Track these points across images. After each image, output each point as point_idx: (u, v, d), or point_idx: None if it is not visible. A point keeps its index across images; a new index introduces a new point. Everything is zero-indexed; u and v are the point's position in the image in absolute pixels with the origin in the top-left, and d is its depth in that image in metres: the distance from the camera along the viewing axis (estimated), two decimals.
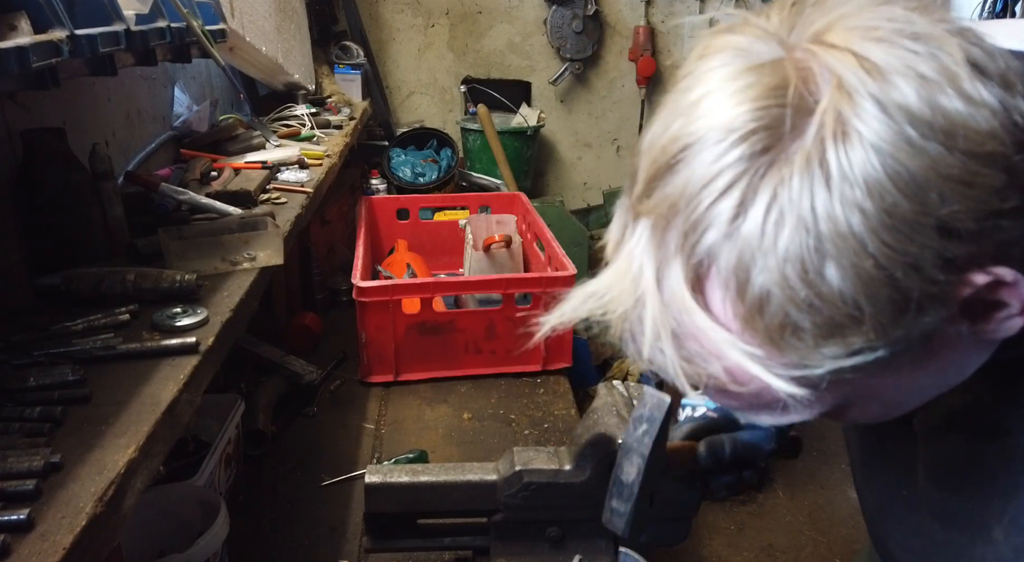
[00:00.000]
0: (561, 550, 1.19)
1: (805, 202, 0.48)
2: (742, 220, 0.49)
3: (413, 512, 1.18)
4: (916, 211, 0.47)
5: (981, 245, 0.49)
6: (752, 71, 0.51)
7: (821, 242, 0.48)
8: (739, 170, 0.49)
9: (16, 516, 0.67)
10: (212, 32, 1.48)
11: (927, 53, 0.49)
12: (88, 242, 1.23)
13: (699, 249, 0.51)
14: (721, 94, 0.51)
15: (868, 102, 0.48)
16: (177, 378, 0.91)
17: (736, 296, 0.51)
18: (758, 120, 0.49)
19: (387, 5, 3.55)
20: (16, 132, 1.21)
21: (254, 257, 1.26)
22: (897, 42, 0.49)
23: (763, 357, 0.52)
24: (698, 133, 0.51)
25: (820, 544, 2.88)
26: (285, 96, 2.69)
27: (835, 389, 0.55)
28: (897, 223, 0.47)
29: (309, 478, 1.64)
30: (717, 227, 0.50)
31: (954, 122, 0.48)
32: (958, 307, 0.52)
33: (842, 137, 0.48)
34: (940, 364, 0.58)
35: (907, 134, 0.47)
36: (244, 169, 1.84)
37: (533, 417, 1.88)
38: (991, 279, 0.50)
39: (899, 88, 0.48)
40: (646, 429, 0.90)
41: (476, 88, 3.57)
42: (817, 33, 0.52)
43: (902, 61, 0.48)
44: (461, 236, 2.53)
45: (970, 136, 0.48)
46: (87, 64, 1.05)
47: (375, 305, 1.91)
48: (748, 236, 0.49)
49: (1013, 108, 0.49)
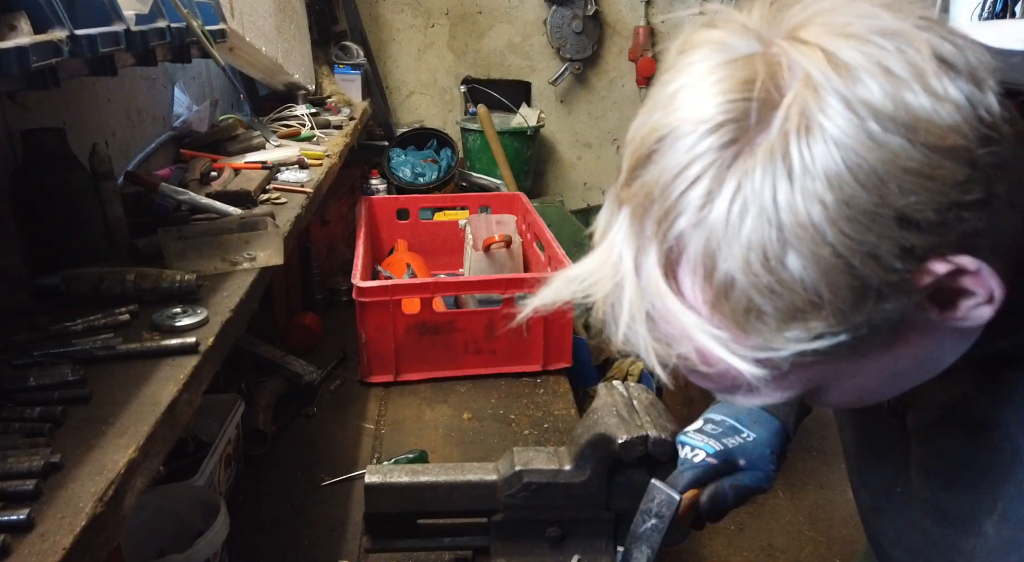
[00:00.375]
0: (561, 550, 1.19)
1: (767, 193, 0.50)
2: (709, 209, 0.51)
3: (413, 512, 1.18)
4: (875, 202, 0.49)
5: (943, 236, 0.51)
6: (727, 65, 0.53)
7: (782, 232, 0.50)
8: (708, 161, 0.51)
9: (16, 516, 0.66)
10: (212, 32, 1.48)
11: (895, 49, 0.50)
12: (88, 242, 1.23)
13: (671, 236, 0.53)
14: (697, 87, 0.53)
15: (833, 98, 0.49)
16: (177, 378, 0.91)
17: (704, 281, 0.53)
18: (727, 113, 0.51)
19: (387, 5, 3.55)
20: (16, 132, 1.21)
21: (254, 257, 1.26)
22: (867, 38, 0.50)
23: (728, 339, 0.54)
24: (673, 124, 0.53)
25: (820, 544, 2.88)
26: (285, 96, 2.69)
27: (803, 371, 0.57)
28: (856, 214, 0.49)
29: (309, 478, 1.64)
30: (687, 215, 0.52)
31: (917, 117, 0.49)
32: (922, 295, 0.53)
33: (805, 131, 0.49)
34: (914, 351, 0.59)
35: (869, 128, 0.49)
36: (244, 169, 1.84)
37: (533, 417, 1.88)
38: (952, 268, 0.52)
39: (865, 84, 0.49)
40: (655, 524, 0.95)
41: (476, 88, 3.57)
42: (792, 29, 0.53)
43: (870, 58, 0.50)
44: (461, 236, 2.53)
45: (932, 130, 0.49)
46: (87, 64, 1.05)
47: (375, 305, 1.91)
48: (714, 224, 0.51)
49: (980, 103, 0.50)
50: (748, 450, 1.05)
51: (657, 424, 1.11)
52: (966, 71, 0.50)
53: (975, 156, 0.50)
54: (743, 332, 0.54)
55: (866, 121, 0.49)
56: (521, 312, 0.66)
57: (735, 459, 1.04)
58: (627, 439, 1.09)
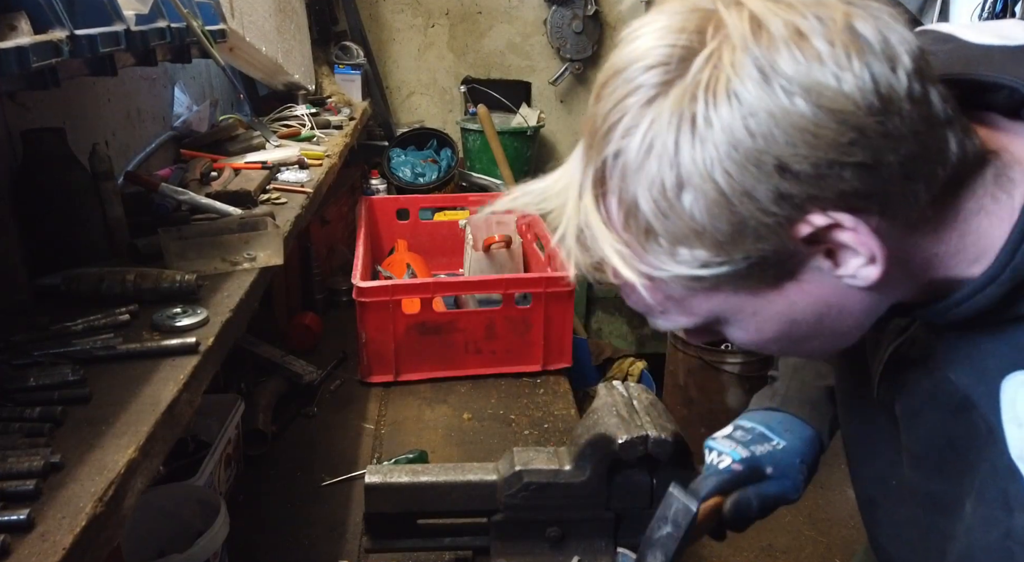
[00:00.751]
0: (561, 550, 1.19)
1: (671, 135, 0.57)
2: (628, 141, 0.59)
3: (413, 512, 1.18)
4: (759, 149, 0.55)
5: (821, 190, 0.56)
6: (676, 15, 0.59)
7: (678, 169, 0.57)
8: (633, 99, 0.59)
9: (16, 516, 0.66)
10: (212, 32, 1.48)
11: (815, 19, 0.55)
12: (88, 242, 1.23)
13: (599, 161, 0.61)
14: (648, 33, 0.60)
15: (744, 55, 0.55)
16: (177, 378, 0.91)
17: (618, 204, 0.62)
18: (656, 57, 0.58)
19: (387, 5, 3.55)
20: (16, 132, 1.21)
21: (254, 257, 1.26)
22: (794, 7, 0.56)
23: (630, 256, 0.62)
24: (618, 65, 0.61)
25: (820, 544, 2.89)
26: (285, 96, 2.69)
27: (701, 299, 0.66)
28: (740, 157, 0.55)
29: (309, 478, 1.64)
30: (612, 145, 0.60)
31: (816, 81, 0.54)
32: (803, 244, 0.59)
33: (713, 82, 0.56)
34: (810, 300, 0.65)
35: (769, 86, 0.54)
36: (244, 169, 1.84)
37: (533, 417, 1.88)
38: (830, 222, 0.58)
39: (777, 47, 0.55)
40: (670, 532, 0.93)
41: (476, 88, 3.56)
42: None
43: (789, 25, 0.55)
44: (461, 236, 2.53)
45: (825, 94, 0.54)
46: (87, 64, 1.05)
47: (375, 305, 1.91)
48: (629, 155, 0.59)
49: (883, 79, 0.55)
50: (777, 458, 1.03)
51: (657, 424, 1.11)
52: (880, 49, 0.55)
53: (863, 124, 0.55)
54: (643, 251, 0.62)
55: (769, 79, 0.54)
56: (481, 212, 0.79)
57: (762, 467, 1.02)
58: (627, 439, 1.09)
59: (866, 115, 0.55)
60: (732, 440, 1.05)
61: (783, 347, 0.72)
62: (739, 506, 1.01)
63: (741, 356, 3.12)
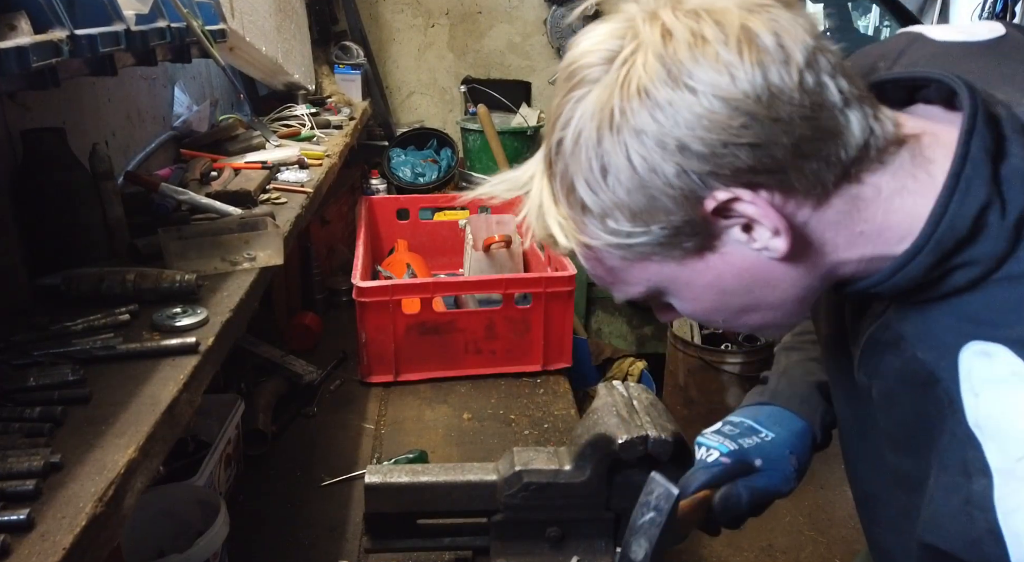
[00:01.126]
0: (561, 550, 1.19)
1: (594, 126, 0.67)
2: (565, 133, 0.69)
3: (413, 512, 1.18)
4: (663, 132, 0.64)
5: (719, 167, 0.65)
6: (609, 25, 0.69)
7: (601, 153, 0.67)
8: (570, 96, 0.69)
9: (16, 516, 0.67)
10: (212, 32, 1.48)
11: (714, 24, 0.64)
12: (88, 242, 1.23)
13: (547, 150, 0.72)
14: (587, 38, 0.70)
15: (653, 57, 0.64)
16: (177, 378, 0.91)
17: (560, 184, 0.72)
18: (587, 60, 0.68)
19: (387, 5, 3.55)
20: (16, 132, 1.21)
21: (254, 257, 1.26)
22: (699, 14, 0.65)
23: (570, 228, 0.72)
24: (565, 65, 0.71)
25: (820, 544, 2.89)
26: (285, 96, 2.69)
27: (638, 269, 0.74)
28: (649, 140, 0.65)
29: (309, 478, 1.64)
30: (555, 136, 0.70)
31: (712, 75, 0.63)
32: (712, 215, 0.68)
33: (626, 81, 0.65)
34: (735, 270, 0.73)
35: (673, 81, 0.64)
36: (244, 169, 1.84)
37: (533, 417, 1.88)
38: (731, 196, 0.66)
39: (680, 48, 0.64)
40: (653, 518, 0.93)
41: (476, 88, 3.56)
42: (667, 4, 0.67)
43: (691, 31, 0.64)
44: (461, 236, 2.53)
45: (717, 84, 0.63)
46: (87, 64, 1.05)
47: (375, 305, 1.91)
48: (566, 145, 0.69)
49: (775, 73, 0.63)
50: (766, 450, 1.04)
51: (657, 424, 1.11)
52: (773, 49, 0.63)
53: (752, 110, 0.63)
54: (582, 223, 0.72)
55: (673, 76, 0.64)
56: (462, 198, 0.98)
57: (750, 460, 1.03)
58: (627, 439, 1.08)
59: (755, 103, 0.63)
60: (720, 435, 1.07)
61: (727, 319, 0.79)
62: (728, 499, 1.02)
63: (741, 356, 3.12)
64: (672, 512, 0.92)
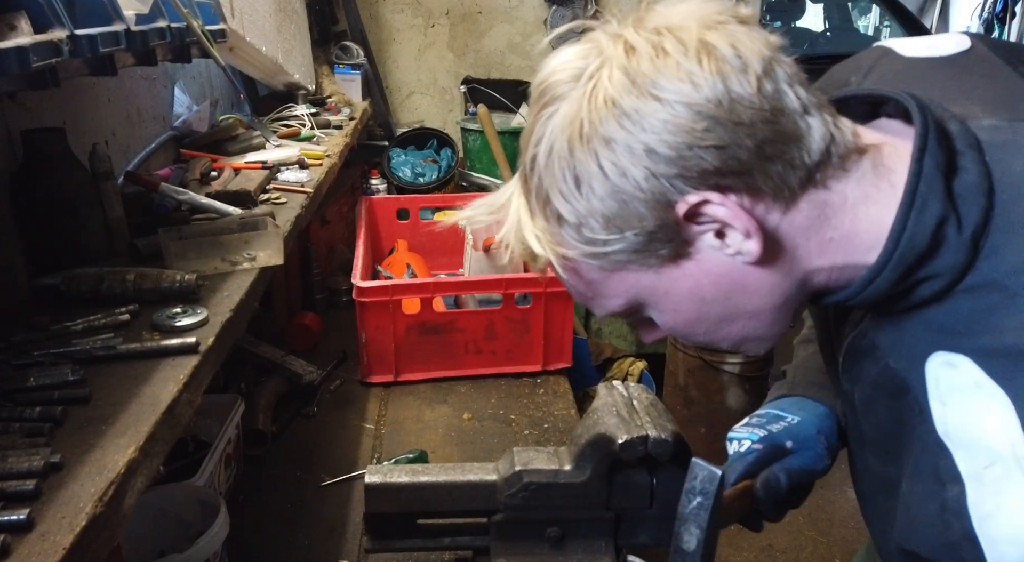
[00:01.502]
0: (561, 550, 1.19)
1: (564, 140, 0.69)
2: (538, 149, 0.71)
3: (413, 512, 1.18)
4: (630, 138, 0.66)
5: (686, 170, 0.67)
6: (575, 47, 0.72)
7: (573, 164, 0.69)
8: (541, 113, 0.71)
9: (16, 516, 0.67)
10: (212, 32, 1.48)
11: (674, 38, 0.67)
12: (88, 242, 1.23)
13: (523, 168, 0.74)
14: (556, 60, 0.72)
15: (618, 70, 0.67)
16: (177, 378, 0.91)
17: (536, 198, 0.74)
18: (554, 79, 0.71)
19: (387, 5, 3.55)
20: (16, 132, 1.21)
21: (254, 257, 1.26)
22: (659, 31, 0.68)
23: (547, 240, 0.74)
24: (535, 86, 0.73)
25: (820, 544, 2.89)
26: (285, 96, 2.69)
27: (617, 280, 0.76)
28: (619, 147, 0.67)
29: (309, 478, 1.64)
30: (529, 153, 0.73)
31: (673, 83, 0.65)
32: (683, 219, 0.69)
33: (593, 94, 0.68)
34: (712, 278, 0.74)
35: (638, 90, 0.66)
36: (244, 169, 1.84)
37: (533, 417, 1.88)
38: (700, 199, 0.68)
39: (643, 61, 0.67)
40: (701, 502, 0.91)
41: (476, 88, 3.56)
42: (633, 23, 0.70)
43: (652, 44, 0.67)
44: (461, 236, 2.53)
45: (680, 92, 0.65)
46: (87, 64, 1.05)
47: (375, 305, 1.91)
48: (540, 160, 0.71)
49: (734, 79, 0.65)
50: (794, 432, 1.05)
51: (657, 424, 1.11)
52: (731, 58, 0.66)
53: (714, 114, 0.65)
54: (558, 234, 0.73)
55: (638, 86, 0.66)
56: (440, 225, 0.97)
57: (781, 442, 1.04)
58: (627, 439, 1.08)
59: (716, 107, 0.65)
60: (748, 426, 1.08)
61: (708, 330, 0.80)
62: (768, 484, 1.02)
63: (741, 356, 3.12)
64: (718, 494, 0.90)
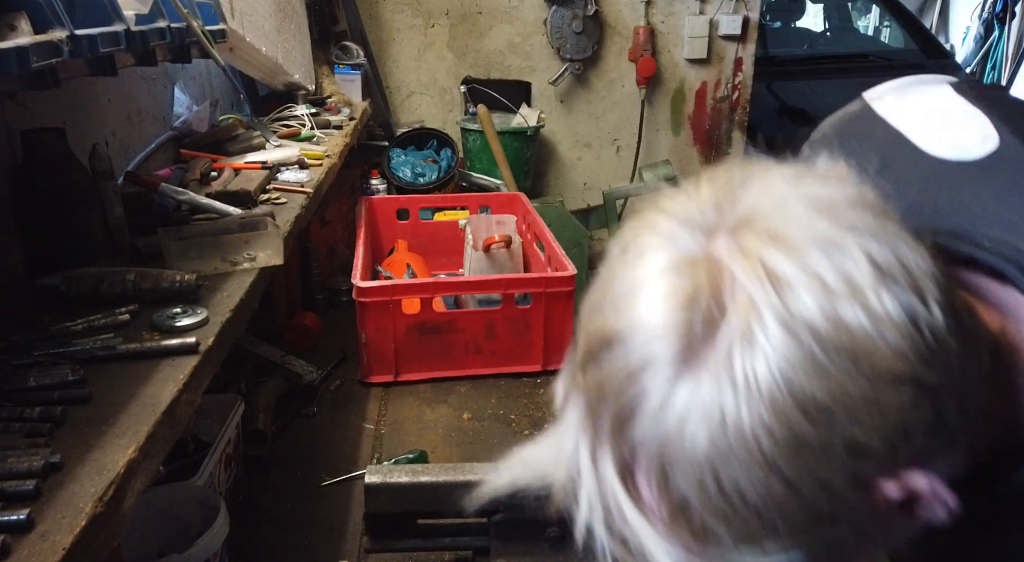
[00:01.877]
0: (561, 550, 1.19)
1: (716, 416, 0.49)
2: (661, 419, 0.50)
3: (413, 512, 1.18)
4: (822, 435, 0.48)
5: (894, 459, 0.50)
6: (674, 271, 0.52)
7: (733, 458, 0.49)
8: (658, 371, 0.50)
9: (16, 516, 0.66)
10: (212, 32, 1.48)
11: (829, 261, 0.49)
12: (88, 242, 1.23)
13: (625, 439, 0.52)
14: (646, 291, 0.52)
15: (772, 319, 0.48)
16: (177, 378, 0.91)
17: (660, 492, 0.53)
18: (674, 324, 0.50)
19: (387, 5, 3.55)
20: (16, 132, 1.21)
21: (254, 257, 1.26)
22: (803, 249, 0.49)
23: (684, 557, 0.54)
24: (624, 326, 0.52)
25: None
26: (285, 96, 2.69)
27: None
28: (803, 446, 0.48)
29: (309, 478, 1.64)
30: (640, 422, 0.51)
31: (857, 342, 0.48)
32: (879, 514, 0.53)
33: (749, 351, 0.48)
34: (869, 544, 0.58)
35: (812, 354, 0.48)
36: (244, 169, 1.84)
37: (533, 417, 1.88)
38: (905, 494, 0.52)
39: (804, 303, 0.48)
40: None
41: (476, 88, 3.56)
42: (734, 229, 0.52)
43: (806, 271, 0.48)
44: (461, 236, 2.53)
45: (875, 355, 0.48)
46: (87, 64, 1.05)
47: (375, 305, 1.91)
48: (666, 438, 0.50)
49: (922, 318, 0.49)
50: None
51: None
52: (905, 280, 0.49)
53: (920, 377, 0.49)
54: (701, 545, 0.54)
55: (807, 346, 0.48)
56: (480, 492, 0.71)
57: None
58: None
59: (921, 366, 0.49)
60: None
61: None
62: None
63: None
64: None
